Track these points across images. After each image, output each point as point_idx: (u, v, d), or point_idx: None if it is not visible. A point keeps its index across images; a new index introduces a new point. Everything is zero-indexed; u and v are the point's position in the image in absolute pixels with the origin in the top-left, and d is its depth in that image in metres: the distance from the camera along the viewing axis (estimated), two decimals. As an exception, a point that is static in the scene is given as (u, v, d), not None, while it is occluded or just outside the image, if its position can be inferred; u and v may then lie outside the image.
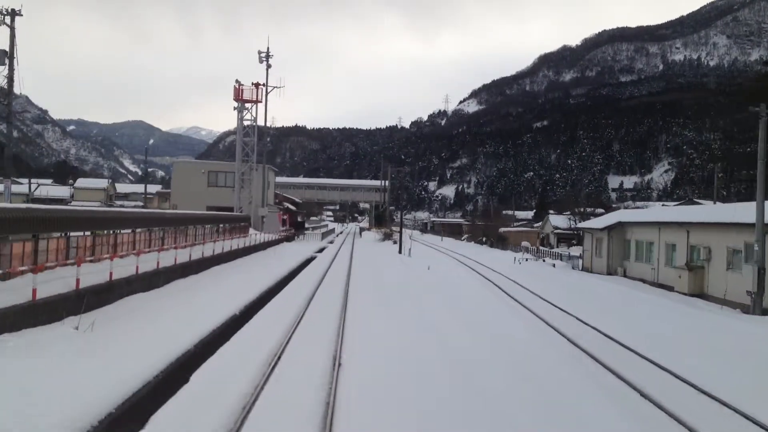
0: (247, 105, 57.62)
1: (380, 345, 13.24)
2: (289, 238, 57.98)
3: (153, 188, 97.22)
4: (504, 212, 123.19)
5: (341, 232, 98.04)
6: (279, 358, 11.68)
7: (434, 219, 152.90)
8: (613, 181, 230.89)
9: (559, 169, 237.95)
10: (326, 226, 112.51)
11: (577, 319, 18.12)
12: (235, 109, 57.21)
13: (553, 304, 21.14)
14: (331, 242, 62.94)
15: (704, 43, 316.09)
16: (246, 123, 56.73)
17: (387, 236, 66.13)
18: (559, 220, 75.34)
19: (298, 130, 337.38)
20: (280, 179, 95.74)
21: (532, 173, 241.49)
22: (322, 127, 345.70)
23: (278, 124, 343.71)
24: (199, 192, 58.52)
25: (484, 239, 62.72)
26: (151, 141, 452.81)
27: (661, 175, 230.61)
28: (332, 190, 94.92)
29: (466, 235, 74.70)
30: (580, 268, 38.50)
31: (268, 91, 57.08)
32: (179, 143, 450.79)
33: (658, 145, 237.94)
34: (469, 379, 10.79)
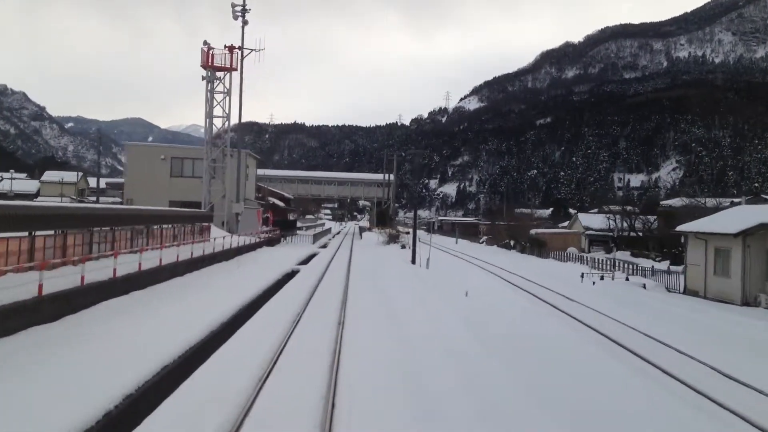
0: (219, 74, 44.73)
1: None
2: (271, 242, 45.05)
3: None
4: (517, 210, 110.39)
5: (338, 232, 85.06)
6: None
7: (442, 218, 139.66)
8: (620, 179, 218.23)
9: (564, 167, 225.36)
10: (323, 225, 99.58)
11: None
12: (203, 79, 44.28)
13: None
14: (325, 246, 50.00)
15: (709, 39, 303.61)
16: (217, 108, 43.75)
17: (392, 238, 53.18)
18: (592, 220, 62.50)
19: (297, 128, 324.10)
20: (269, 172, 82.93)
21: (535, 171, 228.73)
22: (321, 124, 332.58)
23: (276, 122, 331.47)
24: (160, 183, 45.61)
25: (511, 243, 49.90)
26: (150, 138, 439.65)
27: (669, 173, 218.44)
28: (328, 184, 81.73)
29: (484, 237, 61.56)
30: (682, 291, 25.70)
31: (245, 55, 44.20)
32: (177, 140, 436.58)
33: (665, 142, 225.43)
34: None
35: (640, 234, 52.86)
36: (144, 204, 40.56)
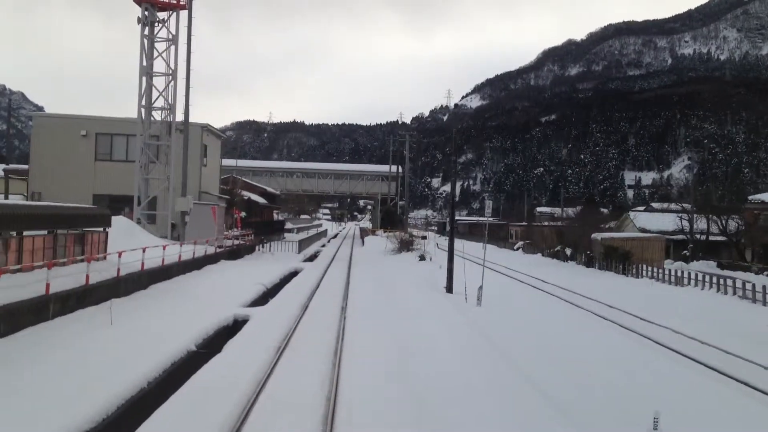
0: (161, 15, 30.44)
1: None
2: (237, 252, 30.71)
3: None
4: (538, 210, 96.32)
5: (336, 235, 70.63)
6: None
7: (457, 217, 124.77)
8: (630, 177, 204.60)
9: (571, 165, 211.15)
10: (319, 226, 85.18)
11: None
12: (139, 22, 29.95)
13: None
14: (314, 257, 35.74)
15: (714, 36, 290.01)
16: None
17: (405, 245, 38.84)
18: (650, 220, 48.25)
19: (296, 126, 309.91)
20: (252, 163, 68.75)
21: (542, 169, 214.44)
22: (321, 122, 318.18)
23: (275, 120, 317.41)
24: (81, 170, 31.43)
25: (567, 251, 35.40)
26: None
27: (680, 170, 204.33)
28: (323, 177, 66.96)
29: (520, 243, 47.16)
30: None
31: (195, -18, 29.79)
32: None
33: (676, 139, 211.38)
34: None
35: (734, 238, 38.62)
36: (57, 197, 26.39)
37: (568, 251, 35.39)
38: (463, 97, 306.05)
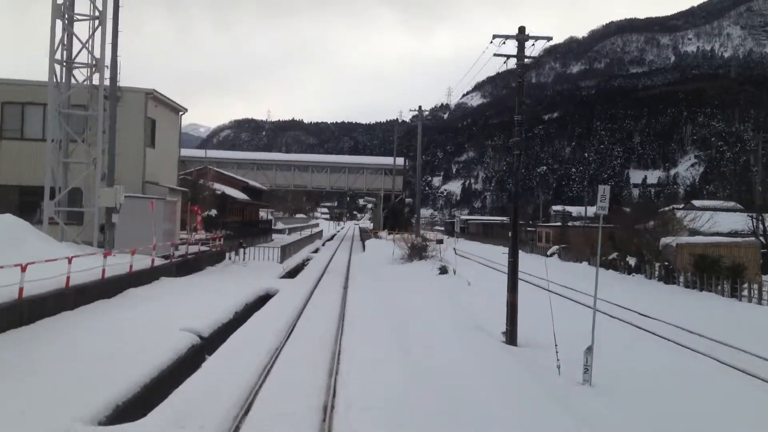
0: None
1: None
2: (189, 265, 21.85)
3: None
4: (553, 208, 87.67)
5: (332, 237, 61.74)
6: None
7: (466, 217, 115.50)
8: (635, 176, 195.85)
9: (575, 163, 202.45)
10: (316, 226, 76.19)
11: None
12: (55, -56, 21.02)
13: None
14: (299, 270, 26.83)
15: (717, 34, 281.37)
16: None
17: (417, 251, 29.95)
18: (726, 220, 39.01)
19: (295, 125, 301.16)
20: (235, 154, 59.92)
21: (545, 167, 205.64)
22: (319, 121, 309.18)
23: (274, 118, 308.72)
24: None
25: (630, 261, 26.36)
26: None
27: (687, 169, 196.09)
28: (319, 171, 57.71)
29: (554, 247, 38.39)
30: None
31: None
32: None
33: (683, 136, 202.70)
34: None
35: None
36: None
37: (632, 261, 26.56)
38: (464, 95, 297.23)
